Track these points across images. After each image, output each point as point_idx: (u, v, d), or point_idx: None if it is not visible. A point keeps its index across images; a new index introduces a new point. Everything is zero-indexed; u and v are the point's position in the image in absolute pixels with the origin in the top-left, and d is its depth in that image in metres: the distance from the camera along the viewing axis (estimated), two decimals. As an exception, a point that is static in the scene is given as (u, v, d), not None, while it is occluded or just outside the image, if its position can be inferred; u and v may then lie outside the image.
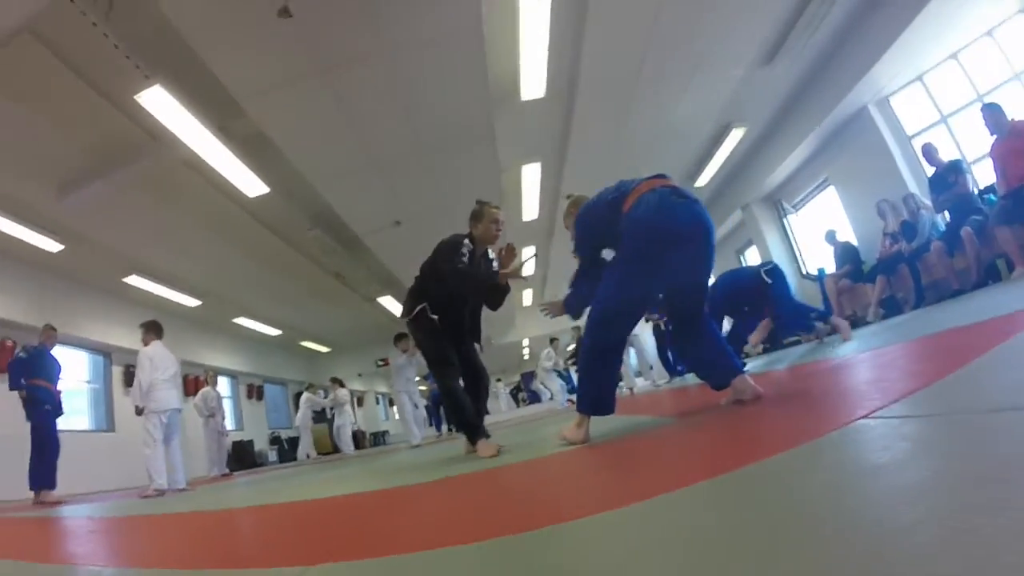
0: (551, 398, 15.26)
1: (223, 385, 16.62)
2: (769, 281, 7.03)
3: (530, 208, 12.15)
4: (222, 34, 5.87)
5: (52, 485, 7.23)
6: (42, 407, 7.29)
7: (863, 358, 3.70)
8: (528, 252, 10.97)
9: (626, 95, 8.85)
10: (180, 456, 7.50)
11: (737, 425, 2.32)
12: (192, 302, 13.71)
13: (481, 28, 6.42)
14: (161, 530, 3.15)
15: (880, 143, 9.85)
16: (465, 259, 3.97)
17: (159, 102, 6.46)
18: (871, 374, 2.83)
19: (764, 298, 7.21)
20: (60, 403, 7.54)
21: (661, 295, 3.16)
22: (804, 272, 12.85)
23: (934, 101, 9.38)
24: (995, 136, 6.85)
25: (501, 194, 10.37)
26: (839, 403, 2.15)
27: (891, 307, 9.11)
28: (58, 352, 7.80)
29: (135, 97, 6.32)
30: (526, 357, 30.38)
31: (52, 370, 7.59)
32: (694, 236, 2.78)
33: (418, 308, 4.22)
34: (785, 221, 13.22)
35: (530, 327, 22.42)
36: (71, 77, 6.44)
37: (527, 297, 20.18)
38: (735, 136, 11.26)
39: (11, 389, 7.39)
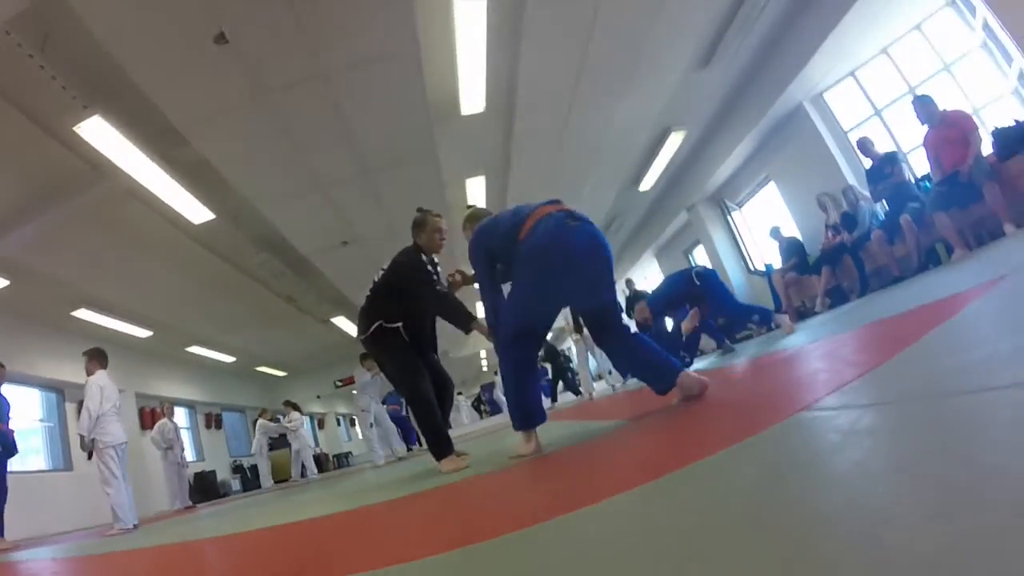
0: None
1: (180, 416, 16.36)
2: (698, 283, 7.42)
3: (476, 222, 12.17)
4: (160, 62, 5.87)
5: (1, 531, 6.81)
6: None
7: (808, 350, 3.78)
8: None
9: (564, 106, 9.01)
10: (130, 492, 7.25)
11: (684, 425, 2.40)
12: (143, 333, 13.52)
13: (417, 49, 6.52)
14: (127, 568, 3.18)
15: (817, 138, 10.18)
16: (436, 278, 4.09)
17: (99, 132, 6.45)
18: (813, 365, 2.93)
19: (699, 299, 7.64)
20: (14, 443, 7.17)
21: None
22: (752, 268, 13.15)
23: (867, 95, 9.72)
24: (927, 126, 7.10)
25: (446, 208, 10.40)
26: (780, 397, 2.24)
27: (837, 297, 9.38)
28: (7, 390, 7.50)
29: (74, 128, 6.30)
30: (484, 368, 30.45)
31: (1, 409, 7.22)
32: (591, 256, 2.91)
33: (374, 326, 4.12)
34: (730, 219, 13.52)
35: (485, 340, 22.26)
36: (5, 107, 6.36)
37: (480, 311, 20.26)
38: (674, 140, 11.51)
39: None
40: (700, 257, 15.57)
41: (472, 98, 8.00)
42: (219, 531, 4.12)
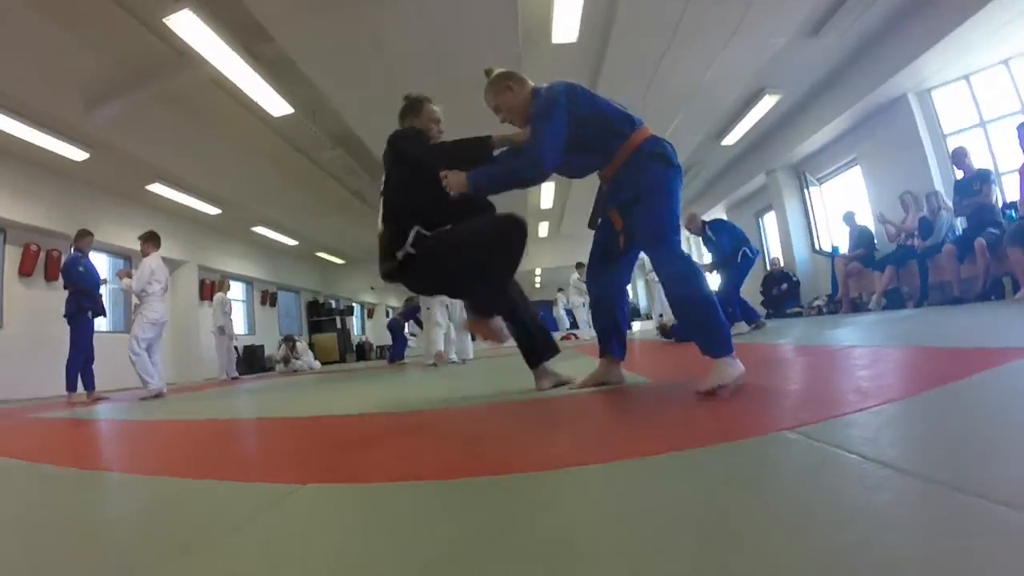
0: (573, 326, 15.38)
1: (237, 290, 17.06)
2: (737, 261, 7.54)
3: (555, 146, 12.13)
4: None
5: (91, 386, 7.77)
6: (84, 313, 7.70)
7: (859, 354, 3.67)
8: None
9: (660, 48, 8.71)
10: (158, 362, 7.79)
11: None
12: (213, 210, 13.97)
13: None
14: (164, 437, 3.34)
15: (913, 134, 9.73)
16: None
17: (188, 24, 6.53)
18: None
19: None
20: (103, 306, 7.96)
21: None
22: (817, 247, 12.83)
23: (976, 103, 9.19)
24: None
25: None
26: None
27: (895, 299, 9.16)
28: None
29: (164, 20, 6.41)
30: (537, 285, 30.82)
31: (92, 275, 7.92)
32: None
33: (413, 232, 3.04)
34: (806, 192, 13.11)
35: (542, 258, 22.63)
36: None
37: (543, 229, 20.49)
38: (767, 102, 11.14)
39: (69, 288, 7.75)
40: (770, 223, 15.21)
41: (565, 27, 7.81)
42: (259, 412, 4.22)
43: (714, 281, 7.62)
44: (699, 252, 13.61)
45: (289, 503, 1.33)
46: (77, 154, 9.88)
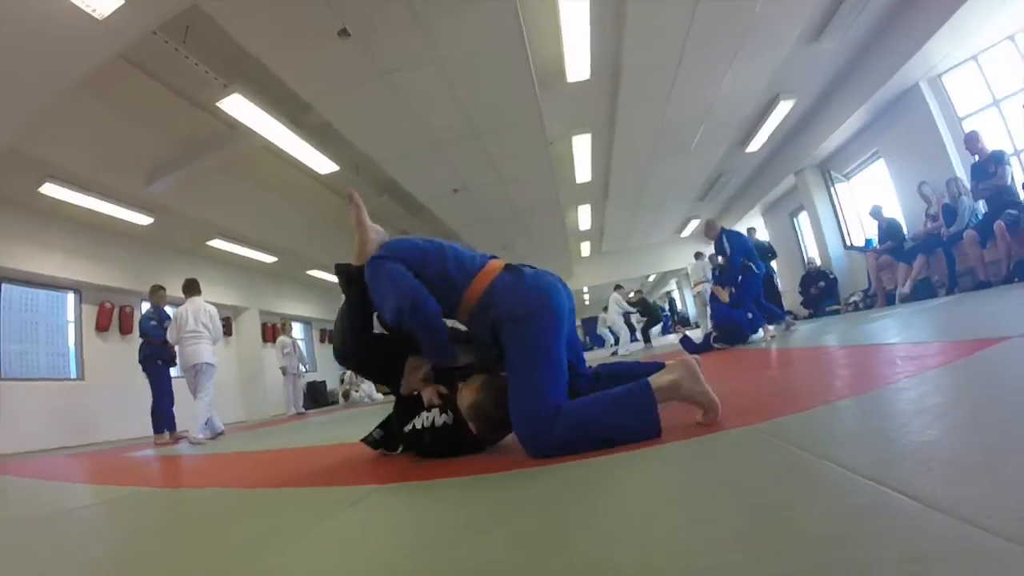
0: (616, 343, 15.78)
1: (297, 330, 17.96)
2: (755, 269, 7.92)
3: (583, 172, 12.79)
4: (289, 52, 6.67)
5: (172, 427, 8.35)
6: (154, 362, 8.36)
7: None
8: None
9: (670, 73, 9.11)
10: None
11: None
12: (269, 258, 14.86)
13: (521, 30, 6.92)
14: (254, 461, 3.98)
15: (930, 122, 9.77)
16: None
17: (238, 105, 7.35)
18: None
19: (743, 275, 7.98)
20: (173, 356, 8.38)
21: None
22: (848, 243, 12.86)
23: (987, 83, 9.15)
24: None
25: (552, 162, 11.07)
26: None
27: (925, 289, 9.26)
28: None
29: (217, 103, 7.26)
30: (587, 303, 31.21)
31: (162, 328, 8.41)
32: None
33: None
34: (832, 190, 13.16)
35: (587, 276, 23.11)
36: (158, 88, 7.49)
37: (585, 249, 21.02)
38: (784, 107, 11.39)
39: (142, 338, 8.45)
40: (804, 222, 15.40)
41: (577, 67, 8.34)
42: (325, 440, 4.66)
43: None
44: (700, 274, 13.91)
45: (374, 497, 1.86)
46: (142, 219, 10.86)
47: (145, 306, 10.10)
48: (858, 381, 2.51)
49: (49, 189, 9.15)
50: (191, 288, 8.21)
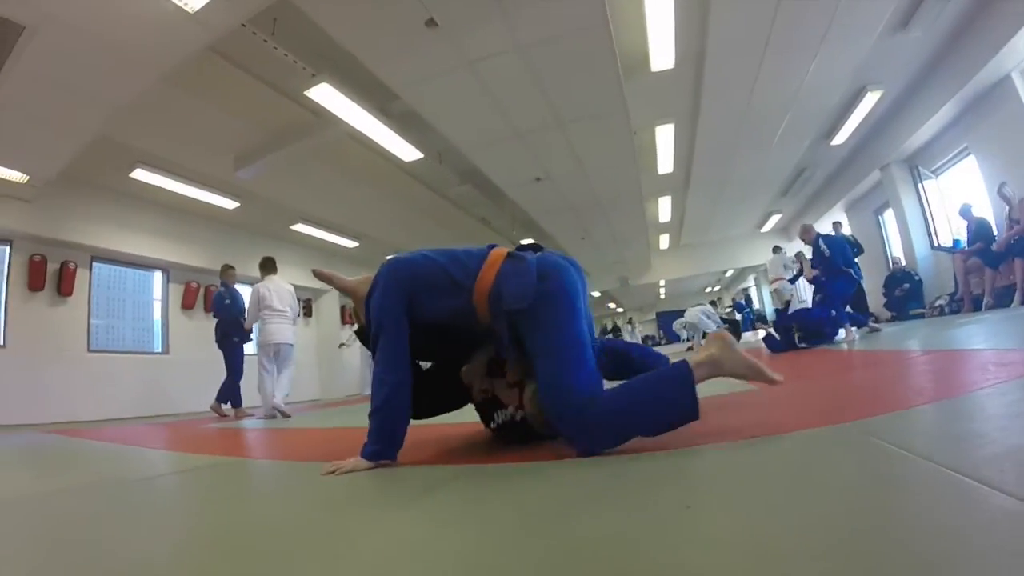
0: (689, 338, 15.68)
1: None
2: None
3: (665, 163, 12.69)
4: (377, 42, 6.84)
5: (239, 403, 8.68)
6: (230, 339, 8.65)
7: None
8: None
9: (755, 62, 9.00)
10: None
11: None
12: (350, 243, 15.30)
13: (606, 18, 6.88)
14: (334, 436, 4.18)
15: (1022, 115, 9.40)
16: None
17: (325, 94, 7.56)
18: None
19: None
20: (248, 331, 8.72)
21: None
22: (935, 243, 12.43)
23: None
24: None
25: (635, 152, 11.05)
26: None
27: (1004, 297, 9.06)
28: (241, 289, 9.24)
29: (305, 93, 7.50)
30: (662, 297, 30.92)
31: (236, 306, 8.81)
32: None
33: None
34: (920, 187, 12.76)
35: (666, 269, 22.93)
36: (246, 77, 7.79)
37: (664, 241, 20.92)
38: (870, 99, 11.10)
39: (216, 317, 8.80)
40: (889, 220, 14.88)
41: (662, 56, 8.31)
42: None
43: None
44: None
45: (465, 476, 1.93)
46: (228, 204, 11.44)
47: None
48: (949, 385, 2.47)
49: (139, 174, 9.76)
50: (268, 266, 8.45)
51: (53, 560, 1.33)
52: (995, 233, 9.70)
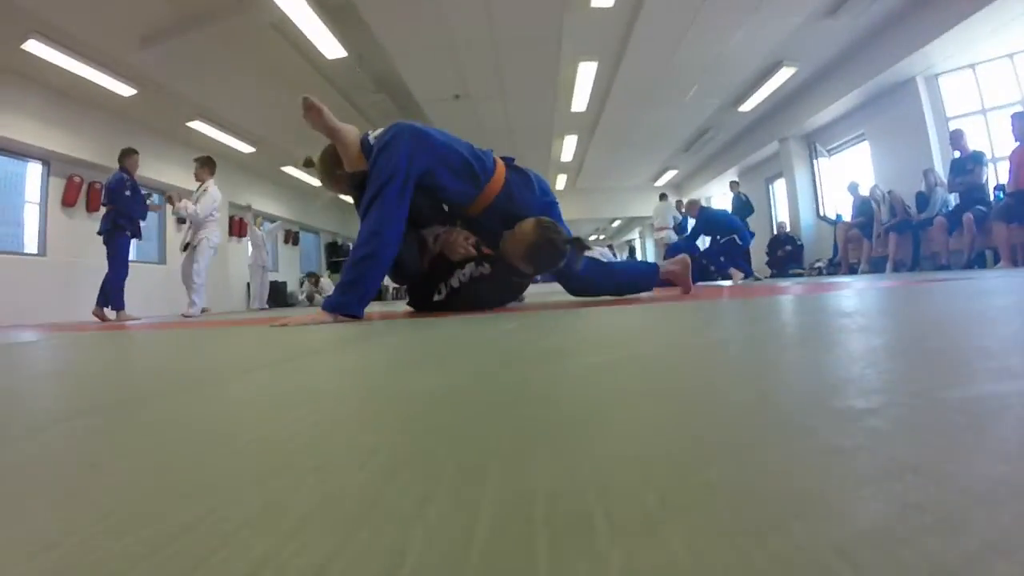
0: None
1: (267, 227, 17.74)
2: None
3: (580, 101, 12.81)
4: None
5: (121, 305, 8.06)
6: (122, 231, 8.02)
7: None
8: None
9: (688, 17, 9.18)
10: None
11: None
12: (247, 148, 14.44)
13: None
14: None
15: (919, 115, 10.42)
16: None
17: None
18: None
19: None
20: (139, 229, 8.25)
21: None
22: (821, 214, 13.51)
23: (980, 91, 9.90)
24: (1018, 143, 7.66)
25: (556, 87, 11.12)
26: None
27: (878, 266, 10.18)
28: None
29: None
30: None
31: (138, 201, 8.24)
32: None
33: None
34: (815, 162, 13.62)
35: (564, 210, 22.96)
36: None
37: (560, 181, 21.36)
38: (784, 74, 11.66)
39: (110, 207, 8.06)
40: (779, 189, 15.81)
41: (604, -8, 8.33)
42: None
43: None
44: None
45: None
46: (126, 90, 10.43)
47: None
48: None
49: (32, 46, 8.69)
50: (214, 167, 8.69)
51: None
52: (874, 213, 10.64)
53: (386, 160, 2.81)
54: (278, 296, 16.48)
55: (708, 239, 10.26)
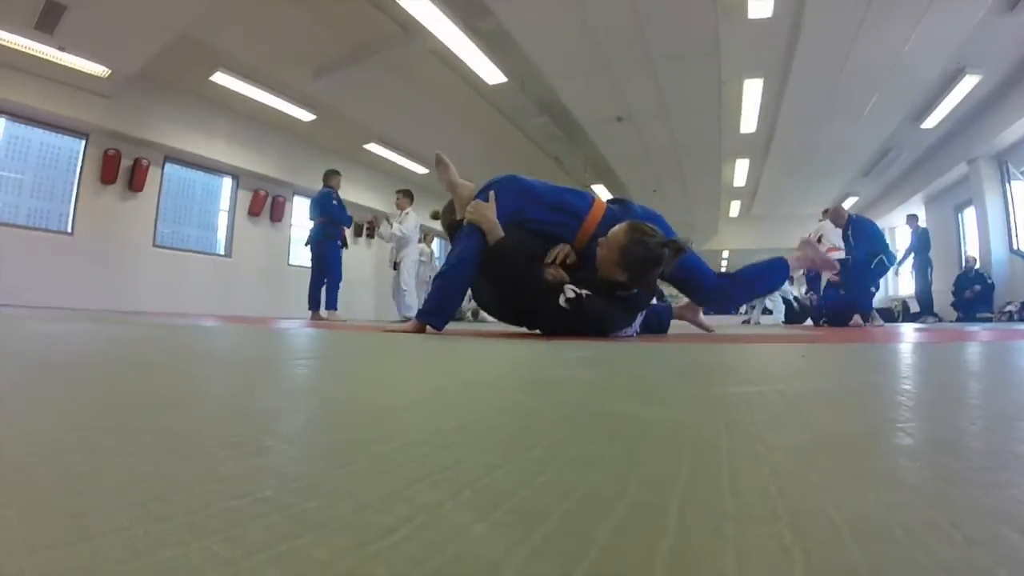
0: (750, 309, 15.31)
1: (435, 244, 18.66)
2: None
3: (749, 122, 12.42)
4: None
5: (335, 306, 9.31)
6: (333, 240, 9.20)
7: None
8: None
9: (854, 22, 8.67)
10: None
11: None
12: (421, 169, 15.31)
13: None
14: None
15: None
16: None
17: (418, 4, 7.68)
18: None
19: None
20: (346, 239, 9.55)
21: None
22: (1015, 247, 11.97)
23: None
24: None
25: (720, 105, 10.88)
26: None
27: None
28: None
29: (398, 0, 7.60)
30: (723, 268, 30.48)
31: (343, 211, 9.53)
32: None
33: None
34: (1008, 186, 12.18)
35: (732, 238, 22.60)
36: None
37: (734, 208, 20.58)
38: (968, 83, 10.63)
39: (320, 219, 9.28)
40: (969, 217, 14.28)
41: (760, 2, 8.10)
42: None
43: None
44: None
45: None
46: (305, 115, 11.74)
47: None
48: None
49: (219, 78, 10.09)
50: (412, 196, 10.17)
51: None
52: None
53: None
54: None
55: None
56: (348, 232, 9.66)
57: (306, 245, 9.33)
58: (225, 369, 1.31)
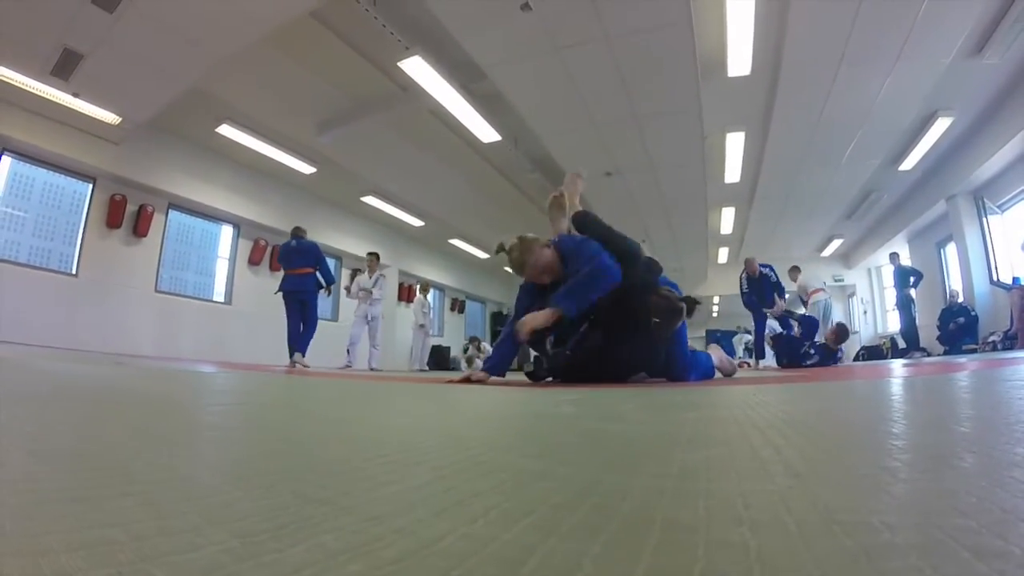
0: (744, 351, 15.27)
1: (430, 296, 19.01)
2: None
3: (732, 172, 12.85)
4: (473, 20, 7.31)
5: (304, 352, 9.33)
6: (317, 291, 9.50)
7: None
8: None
9: (829, 75, 9.11)
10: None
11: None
12: (416, 222, 15.94)
13: (690, 17, 7.18)
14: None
15: None
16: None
17: (417, 67, 8.11)
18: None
19: None
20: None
21: None
22: (995, 279, 12.25)
23: None
24: None
25: (704, 155, 11.25)
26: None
27: None
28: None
29: (398, 64, 8.07)
30: (715, 314, 30.61)
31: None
32: None
33: None
34: (984, 221, 12.51)
35: (721, 285, 22.62)
36: (342, 45, 8.38)
37: (723, 255, 20.88)
38: (941, 125, 11.03)
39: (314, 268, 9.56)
40: (951, 253, 14.67)
41: (738, 62, 8.59)
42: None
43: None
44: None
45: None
46: (305, 168, 12.17)
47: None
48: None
49: (225, 130, 10.50)
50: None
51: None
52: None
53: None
54: (439, 359, 17.42)
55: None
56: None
57: (290, 291, 9.30)
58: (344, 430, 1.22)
